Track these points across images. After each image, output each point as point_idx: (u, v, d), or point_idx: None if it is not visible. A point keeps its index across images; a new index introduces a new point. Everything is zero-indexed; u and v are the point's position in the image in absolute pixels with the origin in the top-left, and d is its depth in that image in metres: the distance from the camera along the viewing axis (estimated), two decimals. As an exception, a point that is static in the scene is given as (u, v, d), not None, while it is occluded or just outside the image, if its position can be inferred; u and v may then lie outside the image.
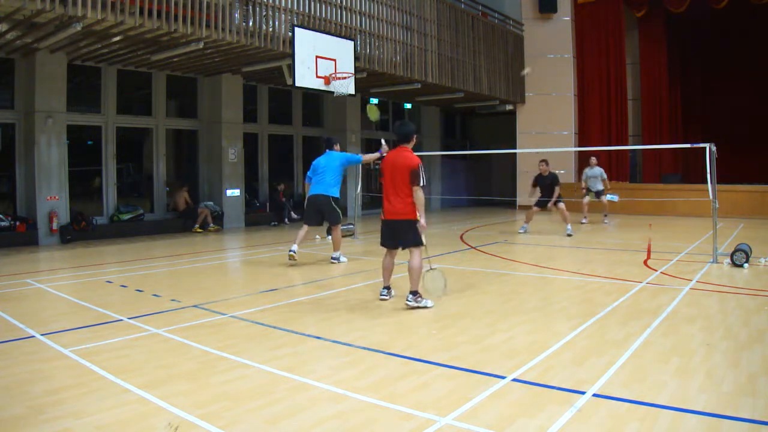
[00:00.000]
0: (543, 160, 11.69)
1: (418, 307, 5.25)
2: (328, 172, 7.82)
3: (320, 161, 7.98)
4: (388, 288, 5.69)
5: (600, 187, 13.45)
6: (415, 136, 5.46)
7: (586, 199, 13.46)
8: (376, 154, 7.33)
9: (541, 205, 11.63)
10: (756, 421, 2.84)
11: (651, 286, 6.28)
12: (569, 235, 11.06)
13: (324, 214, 7.85)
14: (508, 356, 3.92)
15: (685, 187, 12.31)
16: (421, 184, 5.14)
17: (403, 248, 5.46)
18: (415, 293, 5.27)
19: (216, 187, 13.33)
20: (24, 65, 10.43)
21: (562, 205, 11.31)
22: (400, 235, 5.39)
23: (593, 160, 13.70)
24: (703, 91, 19.68)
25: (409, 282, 5.32)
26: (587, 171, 13.64)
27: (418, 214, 5.20)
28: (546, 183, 11.62)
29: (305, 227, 7.93)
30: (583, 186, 13.68)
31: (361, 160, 8.13)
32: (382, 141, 7.36)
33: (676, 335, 4.35)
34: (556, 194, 11.37)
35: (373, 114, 8.78)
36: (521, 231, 11.82)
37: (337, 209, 7.83)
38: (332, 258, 7.99)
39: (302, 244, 7.99)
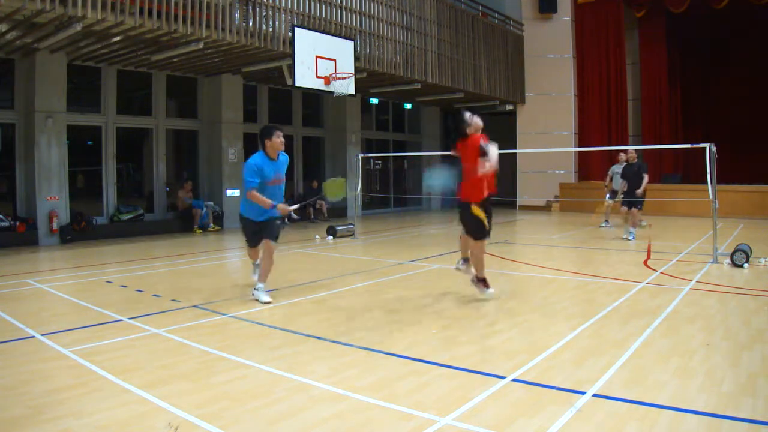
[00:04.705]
0: (626, 151, 10.88)
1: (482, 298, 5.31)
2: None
3: None
4: (466, 260, 5.80)
5: (617, 187, 11.62)
6: (467, 126, 5.32)
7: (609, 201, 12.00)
8: (268, 204, 5.44)
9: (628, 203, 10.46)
10: (756, 421, 2.84)
11: (651, 286, 6.28)
12: (626, 239, 10.27)
13: None
14: (508, 356, 3.92)
15: (685, 187, 12.24)
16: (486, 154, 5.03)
17: (466, 233, 5.50)
18: (480, 280, 5.42)
19: (216, 187, 13.33)
20: (24, 65, 10.43)
21: (635, 209, 10.31)
22: (463, 219, 5.45)
23: (622, 156, 11.73)
24: (703, 91, 19.68)
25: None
26: (613, 168, 12.03)
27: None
28: (633, 171, 10.49)
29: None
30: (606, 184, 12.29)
31: (247, 189, 5.42)
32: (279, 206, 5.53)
33: (676, 335, 4.35)
34: (645, 183, 10.23)
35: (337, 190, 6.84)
36: (630, 237, 10.45)
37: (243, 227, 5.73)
38: (253, 290, 5.72)
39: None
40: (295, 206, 6.10)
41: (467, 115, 5.33)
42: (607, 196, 12.25)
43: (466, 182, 5.31)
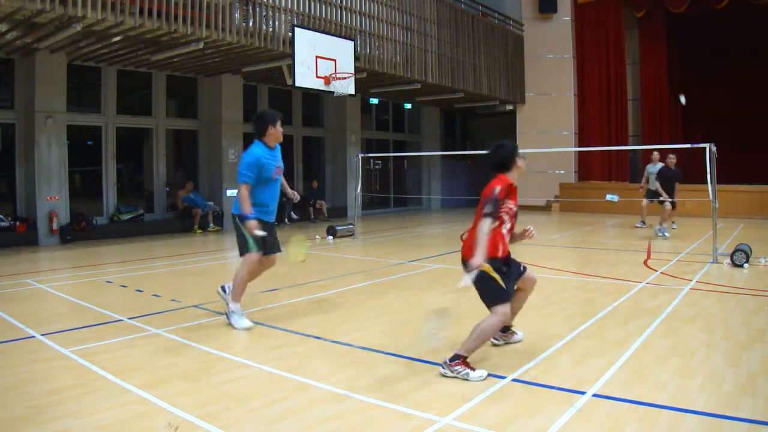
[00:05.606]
0: (672, 154, 10.77)
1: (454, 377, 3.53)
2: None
3: None
4: (505, 329, 4.19)
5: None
6: (515, 161, 3.87)
7: (645, 201, 11.78)
8: (247, 210, 4.58)
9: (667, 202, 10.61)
10: (756, 421, 2.84)
11: (651, 286, 6.28)
12: (661, 236, 10.45)
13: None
14: (508, 356, 3.92)
15: (685, 187, 12.20)
16: (487, 211, 3.59)
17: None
18: (457, 359, 3.54)
19: (216, 187, 13.33)
20: (24, 65, 10.43)
21: (669, 205, 10.52)
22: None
23: (655, 155, 11.74)
24: (703, 92, 19.66)
25: (466, 339, 3.64)
26: (649, 167, 11.78)
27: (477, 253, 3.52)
28: (670, 176, 10.69)
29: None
30: (642, 185, 12.02)
31: (240, 182, 4.66)
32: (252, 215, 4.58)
33: (676, 335, 4.35)
34: (675, 191, 10.57)
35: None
36: (666, 234, 10.55)
37: (245, 234, 4.67)
38: (226, 314, 4.80)
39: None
40: (262, 233, 4.61)
41: (519, 151, 3.95)
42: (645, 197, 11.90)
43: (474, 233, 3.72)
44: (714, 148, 7.79)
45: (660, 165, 11.34)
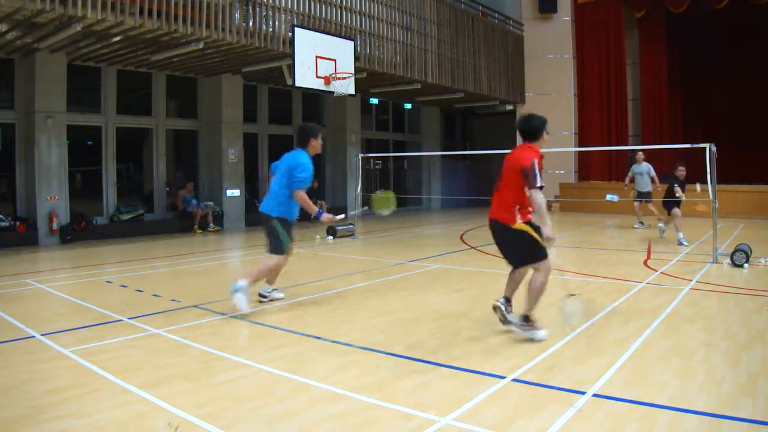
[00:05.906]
0: (682, 167, 10.63)
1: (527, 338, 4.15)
2: (276, 179, 5.43)
3: (282, 160, 5.52)
4: (506, 299, 4.54)
5: (649, 188, 11.40)
6: (543, 132, 4.32)
7: (637, 203, 11.87)
8: (314, 210, 5.45)
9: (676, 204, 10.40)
10: (756, 421, 2.84)
11: (651, 286, 6.28)
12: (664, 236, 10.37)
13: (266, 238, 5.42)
14: (508, 356, 3.92)
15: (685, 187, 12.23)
16: (538, 185, 4.01)
17: (513, 266, 4.39)
18: (525, 318, 4.22)
19: (216, 187, 13.33)
20: (24, 65, 10.43)
21: (677, 210, 10.21)
22: (503, 244, 4.36)
23: (640, 155, 11.82)
24: (703, 91, 19.67)
25: (525, 300, 4.26)
26: (634, 168, 11.86)
27: (541, 224, 4.04)
28: (680, 183, 10.56)
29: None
30: (627, 184, 12.16)
31: (298, 188, 5.30)
32: (323, 211, 5.59)
33: (676, 335, 4.35)
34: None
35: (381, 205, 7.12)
36: (684, 243, 9.86)
37: (281, 235, 5.29)
38: (235, 289, 5.09)
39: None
40: (341, 216, 5.62)
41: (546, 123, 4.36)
42: (636, 199, 11.87)
43: (505, 202, 4.25)
44: (714, 148, 7.78)
45: (645, 164, 11.45)
